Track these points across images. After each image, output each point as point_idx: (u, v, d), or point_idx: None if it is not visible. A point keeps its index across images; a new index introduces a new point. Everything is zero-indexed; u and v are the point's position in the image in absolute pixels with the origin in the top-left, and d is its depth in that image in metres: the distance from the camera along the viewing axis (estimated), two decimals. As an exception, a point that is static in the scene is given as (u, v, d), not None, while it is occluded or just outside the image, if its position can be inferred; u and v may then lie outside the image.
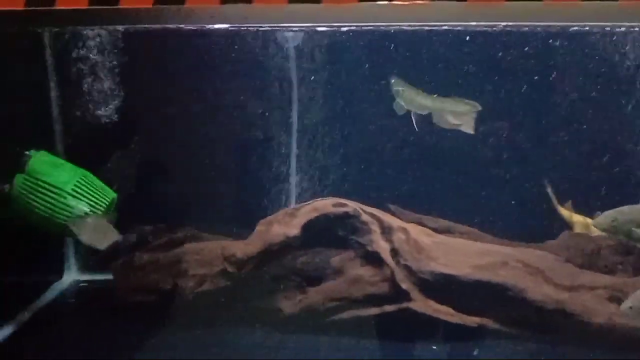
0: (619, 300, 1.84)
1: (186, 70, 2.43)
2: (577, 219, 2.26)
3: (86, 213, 1.94)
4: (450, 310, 2.00)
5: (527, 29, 2.13)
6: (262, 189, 2.57)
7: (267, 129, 2.53)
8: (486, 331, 1.99)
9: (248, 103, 2.50)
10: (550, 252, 2.08)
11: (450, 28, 2.09)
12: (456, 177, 2.49)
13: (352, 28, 2.20)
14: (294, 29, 2.32)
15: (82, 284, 2.61)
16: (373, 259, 2.04)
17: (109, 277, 2.58)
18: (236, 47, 2.42)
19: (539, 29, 2.16)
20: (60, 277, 2.60)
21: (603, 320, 1.85)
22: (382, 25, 2.03)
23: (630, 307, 1.73)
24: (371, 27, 2.15)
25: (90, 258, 2.64)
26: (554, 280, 1.94)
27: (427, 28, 2.05)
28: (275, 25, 2.13)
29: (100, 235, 2.05)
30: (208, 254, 2.21)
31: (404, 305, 1.99)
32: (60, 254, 2.61)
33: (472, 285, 1.97)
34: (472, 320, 1.98)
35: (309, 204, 2.08)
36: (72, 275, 2.64)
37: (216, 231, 2.43)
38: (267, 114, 2.52)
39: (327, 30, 2.31)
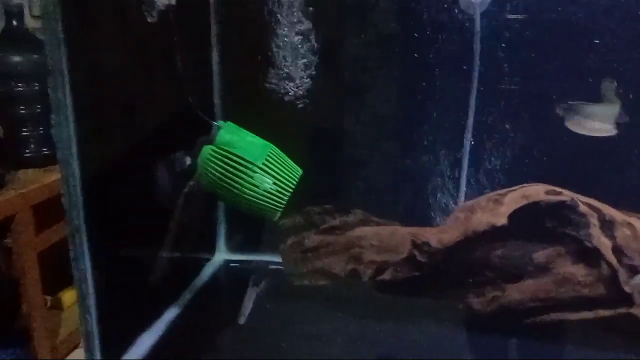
0: None
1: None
2: None
3: (270, 189, 1.78)
4: (676, 320, 1.74)
5: None
6: (427, 173, 2.36)
7: (439, 108, 2.31)
8: None
9: (423, 83, 2.29)
10: None
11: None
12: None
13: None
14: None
15: (232, 264, 2.49)
16: (587, 256, 1.79)
17: (258, 258, 2.50)
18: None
19: None
20: (212, 256, 2.49)
21: None
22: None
23: None
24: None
25: (241, 238, 2.55)
26: None
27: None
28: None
29: None
30: (387, 240, 2.02)
31: (624, 310, 1.74)
32: (212, 233, 2.50)
33: None
34: (702, 334, 1.72)
35: (515, 189, 1.84)
36: (222, 255, 2.53)
37: (379, 215, 2.27)
38: (440, 91, 2.29)
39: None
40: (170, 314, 2.00)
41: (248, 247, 2.53)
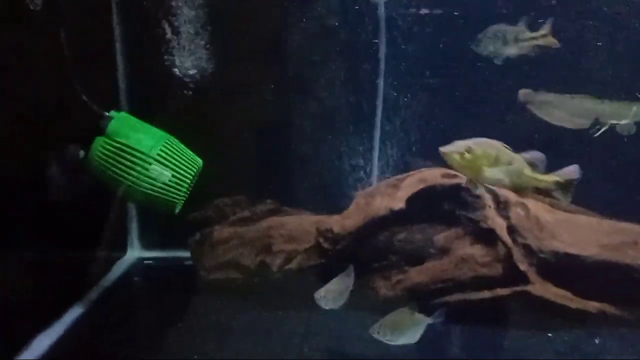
0: None
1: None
2: None
3: (169, 181, 1.75)
4: (569, 295, 1.80)
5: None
6: (341, 160, 2.37)
7: (349, 99, 2.32)
8: (608, 318, 1.79)
9: (330, 72, 2.29)
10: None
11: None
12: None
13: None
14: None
15: (146, 261, 2.43)
16: (484, 237, 1.84)
17: (173, 254, 2.45)
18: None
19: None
20: (124, 253, 2.42)
21: None
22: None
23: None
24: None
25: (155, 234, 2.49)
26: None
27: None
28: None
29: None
30: (295, 229, 2.03)
31: (520, 288, 1.79)
32: (124, 230, 2.43)
33: (598, 267, 1.76)
34: (593, 306, 1.78)
35: (413, 174, 1.87)
36: (135, 252, 2.46)
37: (294, 205, 2.26)
38: (350, 82, 2.30)
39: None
40: (72, 314, 1.92)
41: (163, 243, 2.46)
